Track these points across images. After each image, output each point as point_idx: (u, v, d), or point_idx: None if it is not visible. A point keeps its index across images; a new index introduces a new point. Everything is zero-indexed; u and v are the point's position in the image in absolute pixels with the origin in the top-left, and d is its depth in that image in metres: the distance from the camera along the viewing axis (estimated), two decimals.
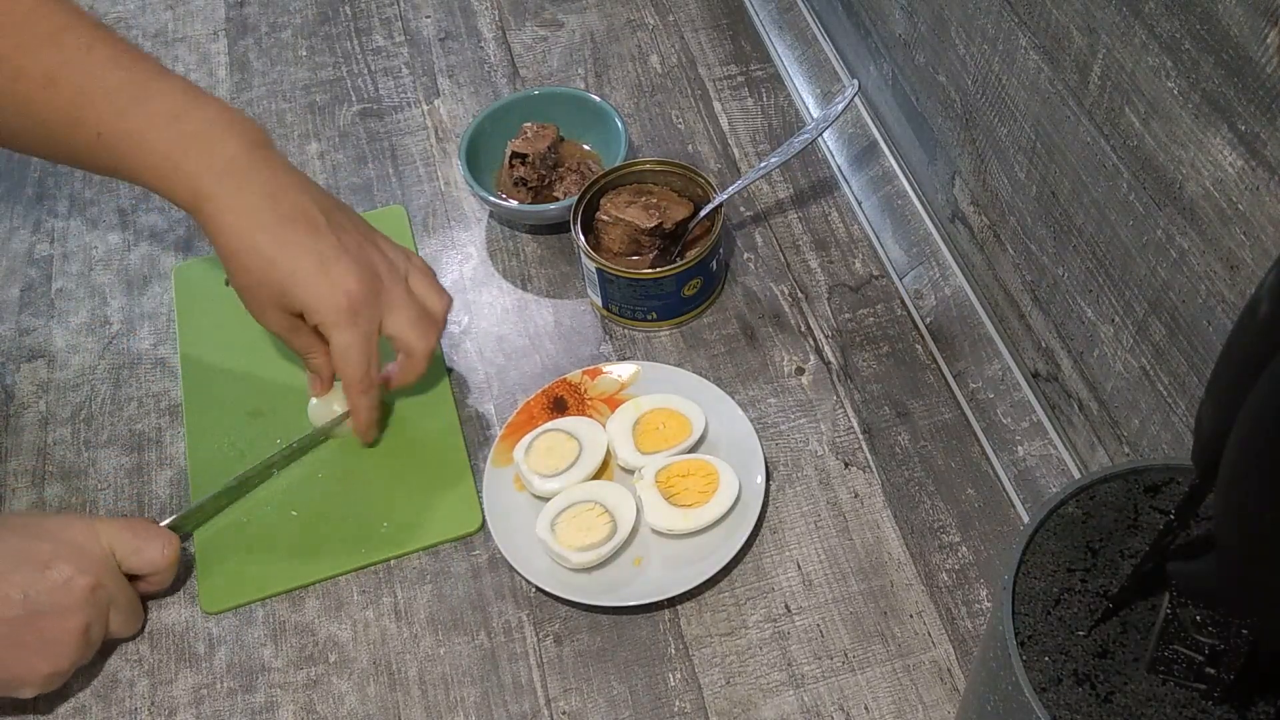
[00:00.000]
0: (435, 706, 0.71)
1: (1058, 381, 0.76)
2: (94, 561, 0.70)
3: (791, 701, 0.70)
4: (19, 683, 0.69)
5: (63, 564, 0.68)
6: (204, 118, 0.73)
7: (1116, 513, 0.51)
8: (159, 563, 0.73)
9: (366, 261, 0.75)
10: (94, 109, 0.71)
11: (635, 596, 0.73)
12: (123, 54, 0.73)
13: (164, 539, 0.74)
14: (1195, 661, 0.45)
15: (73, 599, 0.68)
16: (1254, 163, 0.51)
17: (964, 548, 0.75)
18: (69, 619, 0.68)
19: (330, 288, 0.73)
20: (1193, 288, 0.59)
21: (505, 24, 1.11)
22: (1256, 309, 0.35)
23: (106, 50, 0.72)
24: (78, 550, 0.70)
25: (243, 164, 0.73)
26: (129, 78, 0.72)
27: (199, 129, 0.72)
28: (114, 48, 0.73)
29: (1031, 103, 0.70)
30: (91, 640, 0.70)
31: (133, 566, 0.73)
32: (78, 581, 0.68)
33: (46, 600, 0.68)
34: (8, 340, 0.91)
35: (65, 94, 0.71)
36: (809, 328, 0.87)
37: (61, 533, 0.70)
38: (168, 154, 0.72)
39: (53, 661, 0.68)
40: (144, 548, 0.73)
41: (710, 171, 0.97)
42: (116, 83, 0.72)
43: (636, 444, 0.78)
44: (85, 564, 0.69)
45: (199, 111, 0.73)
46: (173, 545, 0.74)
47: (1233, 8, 0.50)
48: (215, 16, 1.14)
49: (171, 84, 0.73)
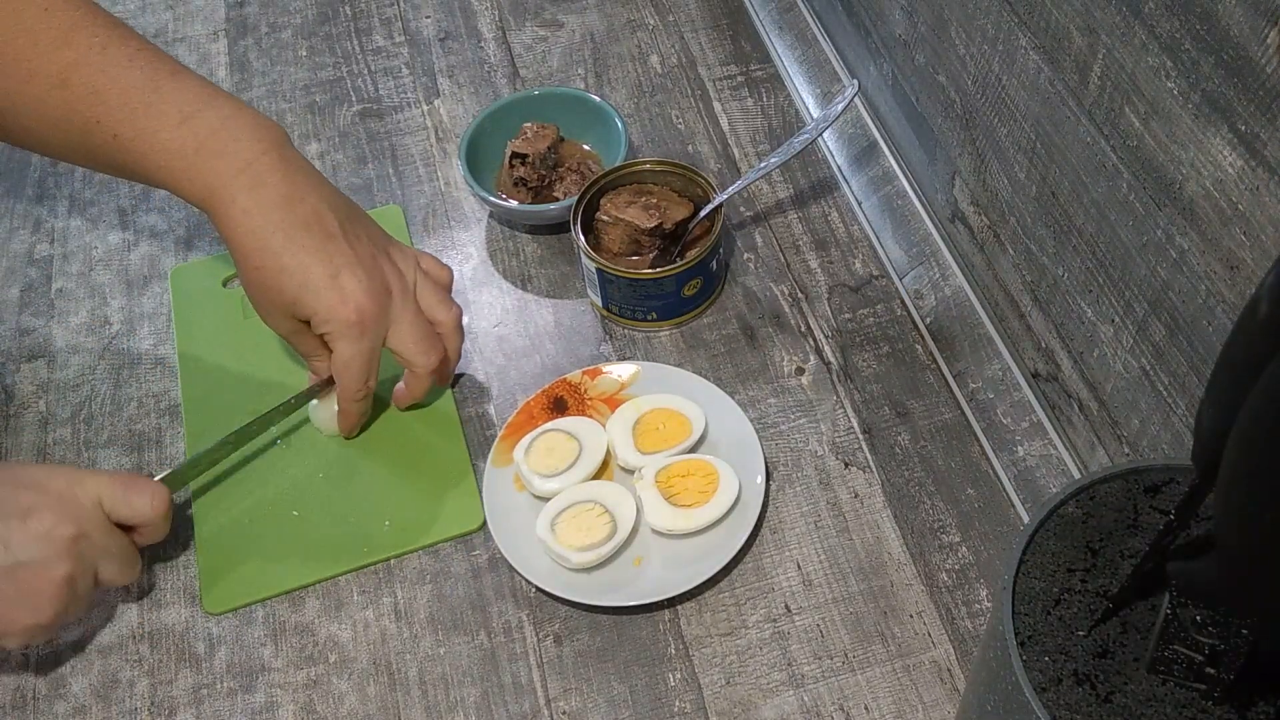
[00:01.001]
0: (435, 706, 0.71)
1: (1058, 381, 0.76)
2: (78, 511, 0.68)
3: (791, 701, 0.70)
4: (1, 633, 0.68)
5: (45, 513, 0.67)
6: (219, 116, 0.72)
7: (1116, 513, 0.51)
8: (148, 514, 0.72)
9: (378, 274, 0.75)
10: (108, 110, 0.71)
11: (635, 596, 0.73)
12: (137, 52, 0.72)
13: (153, 490, 0.72)
14: (1195, 661, 0.45)
15: (54, 549, 0.67)
16: (1254, 163, 0.51)
17: (964, 548, 0.75)
18: (51, 569, 0.67)
19: (340, 300, 0.73)
20: (1193, 288, 0.59)
21: (505, 24, 1.11)
22: (1256, 309, 0.35)
23: (120, 49, 0.72)
24: (61, 500, 0.68)
25: (259, 165, 0.72)
26: (143, 77, 0.71)
27: (215, 128, 0.72)
28: (128, 46, 0.72)
29: (1031, 103, 0.70)
30: (78, 592, 0.69)
31: (122, 516, 0.71)
32: (59, 531, 0.67)
33: (27, 550, 0.66)
34: (8, 340, 0.91)
35: (79, 95, 0.71)
36: (809, 328, 0.87)
37: (46, 482, 0.69)
38: (181, 153, 0.71)
39: (33, 613, 0.67)
40: (133, 498, 0.71)
41: (710, 171, 0.97)
42: (130, 83, 0.71)
43: (636, 444, 0.78)
44: (68, 514, 0.68)
45: (214, 111, 0.72)
46: (161, 496, 0.72)
47: (1233, 8, 0.50)
48: (215, 16, 1.15)
49: (186, 83, 0.73)
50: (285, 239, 0.72)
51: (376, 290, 0.74)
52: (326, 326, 0.74)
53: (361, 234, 0.76)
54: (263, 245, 0.72)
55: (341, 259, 0.73)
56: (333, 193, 0.76)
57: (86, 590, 0.70)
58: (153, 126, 0.71)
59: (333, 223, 0.74)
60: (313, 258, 0.72)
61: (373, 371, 0.76)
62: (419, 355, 0.77)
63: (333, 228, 0.73)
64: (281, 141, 0.74)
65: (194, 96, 0.72)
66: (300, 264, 0.72)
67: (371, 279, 0.74)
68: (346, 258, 0.73)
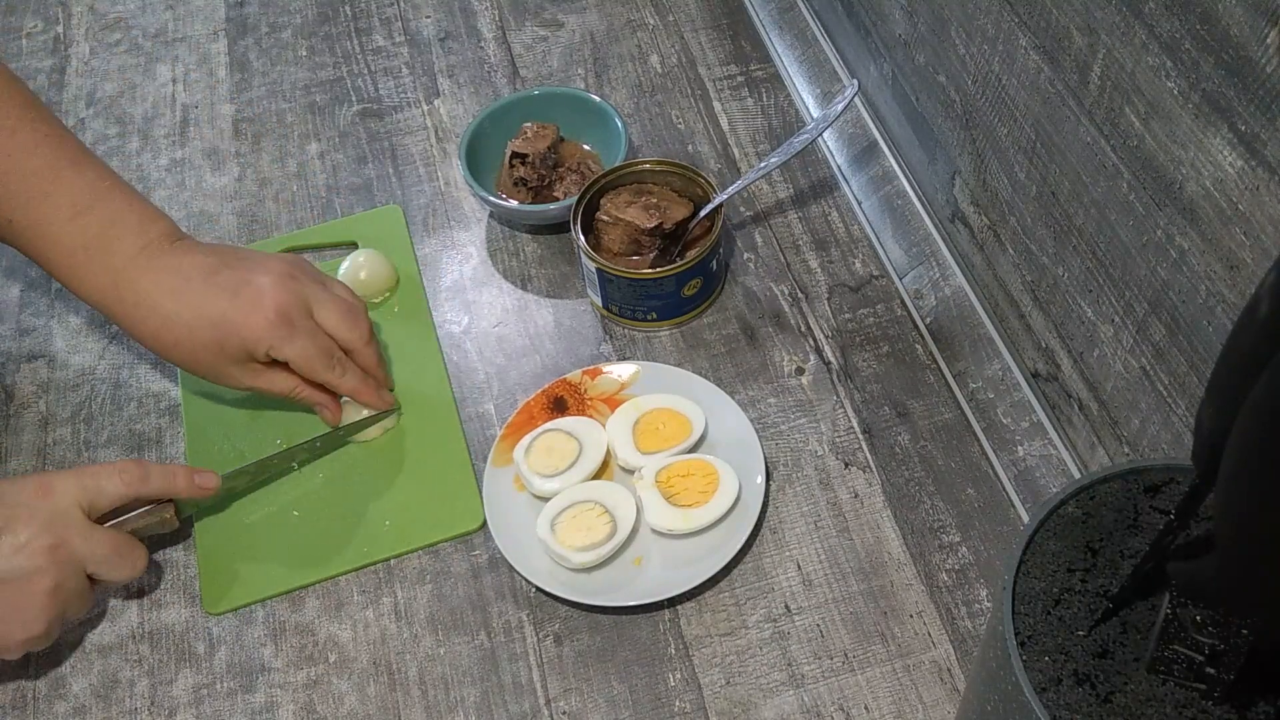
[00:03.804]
0: (435, 706, 0.71)
1: (1058, 381, 0.76)
2: (51, 519, 0.68)
3: (791, 701, 0.70)
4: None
5: (18, 526, 0.67)
6: (108, 214, 0.73)
7: (1116, 513, 0.51)
8: (123, 492, 0.71)
9: (273, 272, 0.76)
10: (7, 194, 0.72)
11: (635, 596, 0.73)
12: (45, 138, 0.73)
13: (117, 468, 0.71)
14: (1195, 661, 0.45)
15: (35, 561, 0.67)
16: (1254, 163, 0.51)
17: (964, 548, 0.75)
18: (34, 582, 0.67)
19: (256, 311, 0.74)
20: (1193, 288, 0.59)
21: (505, 24, 1.11)
22: (1256, 309, 0.35)
23: (29, 134, 0.73)
24: (32, 511, 0.68)
25: (140, 259, 0.73)
26: (44, 165, 0.73)
27: (102, 228, 0.73)
28: (36, 131, 0.73)
29: (1031, 103, 0.70)
30: (66, 598, 0.69)
31: (102, 505, 0.71)
32: (36, 543, 0.67)
33: (7, 566, 0.66)
34: (8, 340, 0.91)
35: None
36: (809, 328, 0.87)
37: (14, 496, 0.68)
38: (71, 250, 0.73)
39: (26, 627, 0.67)
40: (103, 485, 0.71)
41: (710, 171, 0.97)
42: (31, 169, 0.72)
43: (636, 444, 0.78)
44: (41, 524, 0.67)
45: (105, 207, 0.73)
46: (129, 470, 0.71)
47: (1233, 8, 0.50)
48: (215, 16, 1.15)
49: (83, 175, 0.74)
50: (176, 300, 0.73)
51: (279, 283, 0.75)
52: (262, 344, 0.75)
53: (244, 255, 0.77)
54: (163, 321, 0.73)
55: (232, 281, 0.74)
56: (212, 247, 0.77)
57: (78, 594, 0.70)
58: (46, 217, 0.72)
59: (210, 262, 0.75)
60: (207, 297, 0.74)
61: (332, 350, 0.77)
62: (349, 330, 0.78)
63: (212, 265, 0.75)
64: (168, 233, 0.75)
65: (89, 189, 0.73)
66: (201, 311, 0.73)
67: (270, 277, 0.75)
68: (236, 277, 0.74)
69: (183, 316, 0.73)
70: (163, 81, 1.09)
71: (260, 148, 1.03)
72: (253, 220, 0.97)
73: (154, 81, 1.09)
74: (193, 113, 1.06)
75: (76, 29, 1.15)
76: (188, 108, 1.07)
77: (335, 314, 0.78)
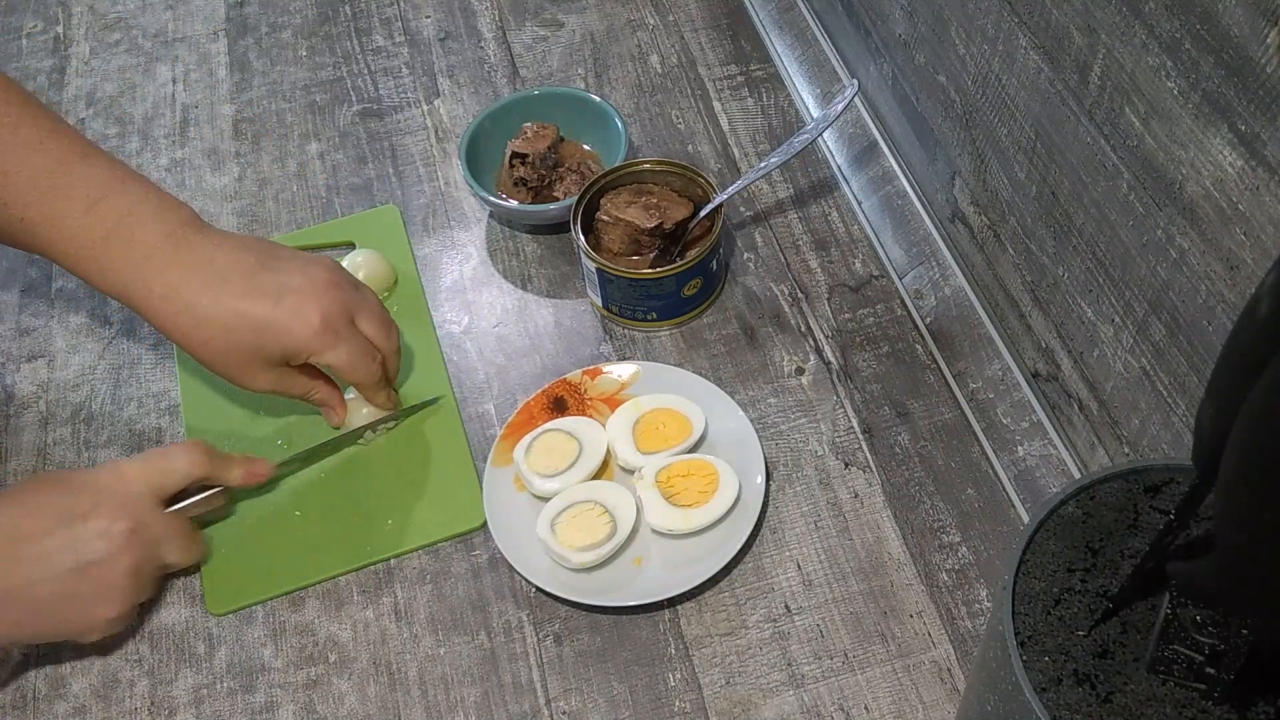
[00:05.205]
0: (435, 706, 0.71)
1: (1058, 381, 0.76)
2: (127, 504, 0.71)
3: (791, 701, 0.70)
4: (85, 630, 0.72)
5: (102, 511, 0.70)
6: (125, 203, 0.72)
7: (1116, 513, 0.51)
8: (190, 472, 0.74)
9: (315, 279, 0.75)
10: (17, 192, 0.71)
11: (635, 596, 0.73)
12: (49, 134, 0.72)
13: (183, 449, 0.74)
14: (1195, 661, 0.45)
15: (116, 544, 0.70)
16: (1254, 163, 0.51)
17: (964, 548, 0.75)
18: (116, 563, 0.70)
19: (300, 318, 0.73)
20: (1193, 288, 0.59)
21: (505, 24, 1.11)
22: (1256, 309, 0.35)
23: (32, 130, 0.72)
24: (113, 496, 0.71)
25: (165, 247, 0.72)
26: (52, 160, 0.71)
27: (122, 214, 0.72)
28: (39, 127, 0.72)
29: (1031, 103, 0.70)
30: (143, 579, 0.72)
31: (171, 487, 0.74)
32: (117, 526, 0.70)
33: (93, 550, 0.69)
34: (8, 340, 0.91)
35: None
36: (809, 328, 0.87)
37: (96, 482, 0.72)
38: (89, 242, 0.71)
39: (111, 606, 0.71)
40: (170, 466, 0.74)
41: (710, 171, 0.97)
42: (39, 165, 0.71)
43: (636, 444, 0.78)
44: (120, 508, 0.71)
45: (119, 196, 0.72)
46: (193, 451, 0.74)
47: (1233, 8, 0.50)
48: (215, 16, 1.15)
49: (94, 167, 0.73)
50: (213, 301, 0.72)
51: (322, 290, 0.74)
52: (305, 352, 0.74)
53: (283, 255, 0.76)
54: (196, 318, 0.72)
55: (274, 286, 0.73)
56: (242, 240, 0.76)
57: (152, 576, 0.74)
58: (60, 211, 0.71)
59: (249, 262, 0.74)
60: (248, 301, 0.73)
61: (372, 352, 0.77)
62: (385, 338, 0.78)
63: (250, 266, 0.74)
64: (187, 220, 0.74)
65: (102, 180, 0.72)
66: (239, 313, 0.72)
67: (311, 283, 0.74)
68: (278, 282, 0.74)
69: (220, 317, 0.72)
70: (163, 81, 1.09)
71: (260, 148, 1.03)
72: (253, 220, 0.97)
73: (154, 81, 1.09)
74: (193, 113, 1.06)
75: (76, 29, 1.15)
76: (188, 108, 1.07)
77: (374, 322, 0.78)
